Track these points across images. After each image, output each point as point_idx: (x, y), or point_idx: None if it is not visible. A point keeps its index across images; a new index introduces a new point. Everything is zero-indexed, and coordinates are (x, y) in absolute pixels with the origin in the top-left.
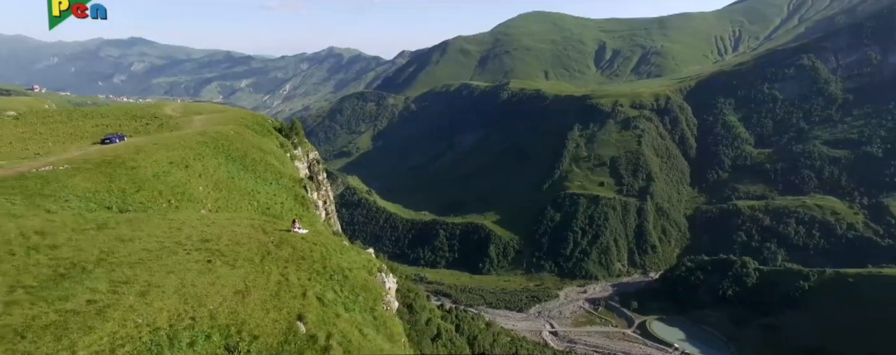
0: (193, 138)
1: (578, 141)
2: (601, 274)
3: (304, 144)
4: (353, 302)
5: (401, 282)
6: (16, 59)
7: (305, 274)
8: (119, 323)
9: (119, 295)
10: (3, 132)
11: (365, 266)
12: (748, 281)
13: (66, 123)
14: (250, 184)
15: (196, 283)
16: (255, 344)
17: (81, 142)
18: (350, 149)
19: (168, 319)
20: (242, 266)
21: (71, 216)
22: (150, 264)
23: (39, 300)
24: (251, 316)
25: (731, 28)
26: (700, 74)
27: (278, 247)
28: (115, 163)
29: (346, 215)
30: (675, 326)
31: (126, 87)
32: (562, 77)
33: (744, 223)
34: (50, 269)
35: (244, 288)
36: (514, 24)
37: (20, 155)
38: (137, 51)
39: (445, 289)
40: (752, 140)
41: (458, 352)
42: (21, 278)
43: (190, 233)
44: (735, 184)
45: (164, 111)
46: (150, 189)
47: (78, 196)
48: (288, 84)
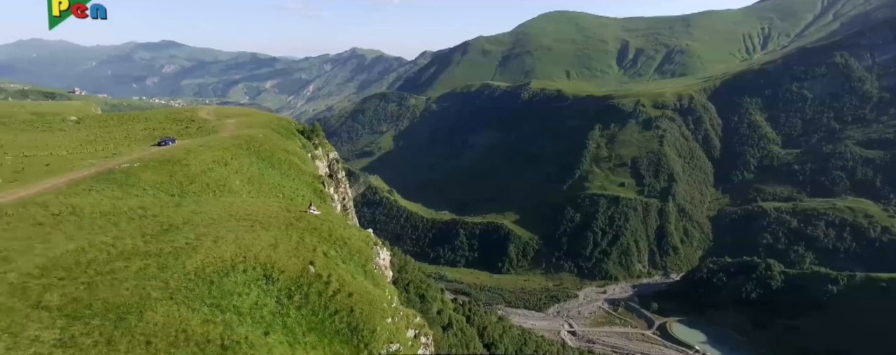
0: (229, 141)
1: (599, 141)
2: (621, 274)
3: (325, 145)
4: (348, 259)
5: (414, 274)
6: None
7: (316, 239)
8: (204, 255)
9: (201, 241)
10: (71, 135)
11: (363, 239)
12: (773, 283)
13: (118, 127)
14: (277, 180)
15: (245, 238)
16: (283, 276)
17: (139, 143)
18: (372, 148)
19: (231, 256)
20: (273, 230)
21: (153, 198)
22: (216, 226)
23: (158, 241)
24: (280, 259)
25: (759, 25)
26: (725, 73)
27: (298, 220)
28: (172, 161)
29: (368, 214)
30: (696, 328)
31: (158, 88)
32: (583, 77)
33: (769, 225)
34: (157, 226)
35: (275, 243)
36: (536, 24)
37: (99, 155)
38: (168, 53)
39: (465, 288)
40: (780, 140)
41: (469, 341)
42: (144, 230)
43: (237, 210)
44: (760, 185)
45: (199, 115)
46: (200, 182)
47: (150, 186)
48: (311, 85)
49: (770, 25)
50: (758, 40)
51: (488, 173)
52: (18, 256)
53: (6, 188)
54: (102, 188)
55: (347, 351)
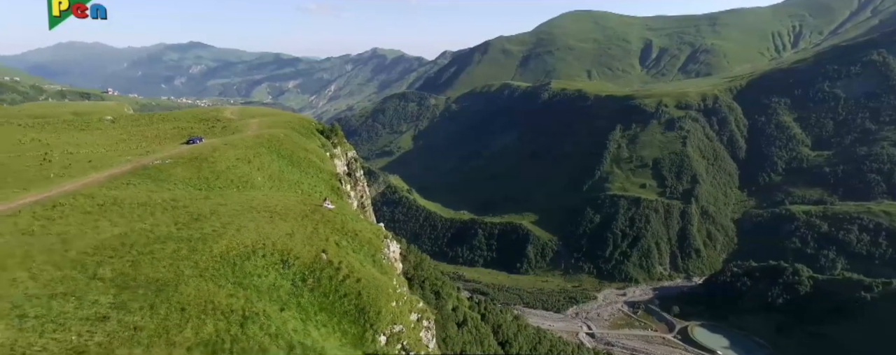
0: (252, 140)
1: (620, 141)
2: (641, 277)
3: (343, 144)
4: (358, 249)
5: (430, 271)
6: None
7: (329, 230)
8: (228, 241)
9: (226, 229)
10: (107, 133)
11: (374, 232)
12: (800, 289)
13: (149, 126)
14: (296, 177)
15: (264, 227)
16: (298, 262)
17: (169, 141)
18: (392, 148)
19: (251, 243)
20: (290, 221)
21: (183, 192)
22: (239, 217)
23: (188, 228)
24: (295, 246)
25: (790, 23)
26: (752, 73)
27: (313, 213)
28: (199, 158)
29: (387, 213)
30: (719, 333)
31: (185, 88)
32: (605, 76)
33: (798, 229)
34: (187, 216)
35: (291, 232)
36: (557, 24)
37: (134, 152)
38: (194, 54)
39: (483, 288)
40: (809, 141)
41: (483, 339)
42: (176, 219)
43: (258, 203)
44: (789, 187)
45: (224, 114)
46: (225, 178)
47: (180, 181)
48: (333, 85)
49: (802, 23)
50: (788, 38)
51: (507, 173)
52: (75, 239)
53: (57, 182)
54: (139, 182)
55: (354, 329)
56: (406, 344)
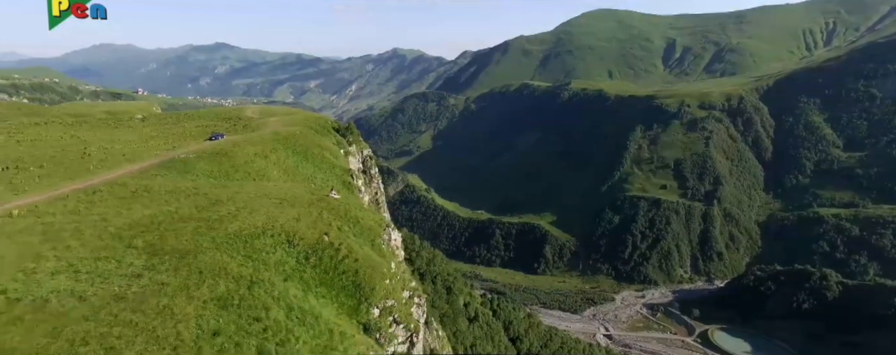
0: (270, 137)
1: (641, 142)
2: (661, 279)
3: (359, 142)
4: (359, 234)
5: (442, 267)
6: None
7: (332, 216)
8: (242, 222)
9: (240, 212)
10: (138, 131)
11: (376, 221)
12: (829, 294)
13: (176, 124)
14: (310, 171)
15: (273, 212)
16: (302, 242)
17: (193, 138)
18: (411, 148)
19: (262, 225)
20: (297, 207)
21: (204, 182)
22: (252, 202)
23: (207, 211)
24: (300, 229)
25: (823, 20)
26: (780, 72)
27: (319, 201)
28: (220, 153)
29: (405, 212)
30: (741, 337)
31: (210, 88)
32: (626, 76)
33: (827, 232)
34: (207, 202)
35: (298, 217)
36: (578, 23)
37: (162, 148)
38: (220, 55)
39: (500, 287)
40: (841, 142)
41: (494, 334)
42: (197, 204)
43: (270, 192)
44: (817, 189)
45: (245, 113)
46: (243, 171)
47: (202, 173)
48: (354, 84)
49: (836, 19)
50: (820, 36)
51: (526, 174)
52: (113, 218)
53: (96, 173)
54: (166, 174)
55: (350, 301)
56: (397, 317)
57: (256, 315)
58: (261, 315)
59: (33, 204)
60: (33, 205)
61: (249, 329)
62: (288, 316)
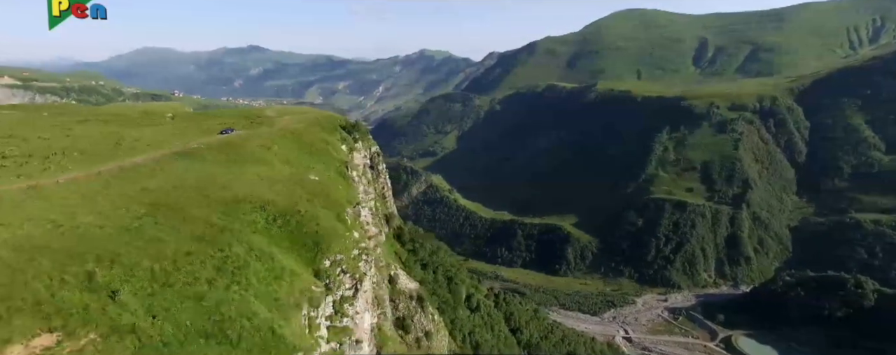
0: (276, 132)
1: (667, 144)
2: (685, 283)
3: (366, 140)
4: (327, 207)
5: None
6: (163, 68)
7: (305, 192)
8: (227, 193)
9: (232, 186)
10: (166, 128)
11: (347, 199)
12: (864, 303)
13: (201, 122)
14: (308, 162)
15: (257, 187)
16: (273, 208)
17: (209, 133)
18: (436, 148)
19: (244, 195)
20: (278, 185)
21: (211, 166)
22: (244, 181)
23: (208, 186)
24: (275, 199)
25: (870, 17)
26: (818, 72)
27: (299, 181)
28: (229, 144)
29: (428, 212)
30: (766, 344)
31: (243, 90)
32: (655, 77)
33: (864, 238)
34: (207, 179)
35: (275, 191)
36: (606, 23)
37: (181, 140)
38: (253, 57)
39: (520, 288)
40: (883, 145)
41: (494, 324)
42: (203, 181)
43: (260, 174)
44: (855, 194)
45: (265, 113)
46: (245, 159)
47: (210, 160)
48: (381, 85)
49: (884, 16)
50: (866, 34)
51: (550, 175)
52: (132, 185)
53: (124, 158)
54: (180, 160)
55: (308, 254)
56: (345, 268)
57: (221, 247)
58: (225, 248)
59: (74, 178)
60: (74, 178)
61: (214, 254)
62: (247, 253)
